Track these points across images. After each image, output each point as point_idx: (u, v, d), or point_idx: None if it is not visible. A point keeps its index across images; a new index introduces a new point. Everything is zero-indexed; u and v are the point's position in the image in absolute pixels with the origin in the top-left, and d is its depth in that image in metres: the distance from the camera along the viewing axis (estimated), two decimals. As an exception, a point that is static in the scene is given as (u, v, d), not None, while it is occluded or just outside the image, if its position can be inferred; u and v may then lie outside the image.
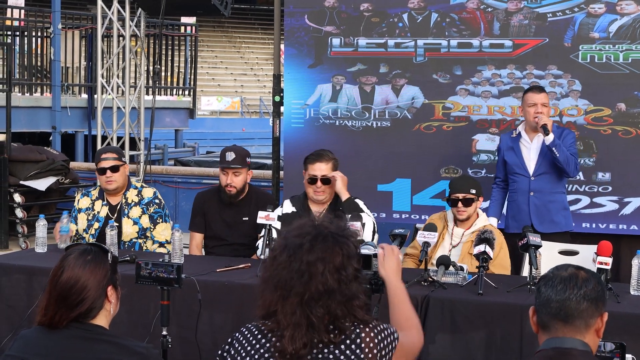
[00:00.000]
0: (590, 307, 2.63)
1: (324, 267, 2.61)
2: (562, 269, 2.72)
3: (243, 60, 40.04)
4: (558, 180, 6.29)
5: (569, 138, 6.25)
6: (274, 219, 5.41)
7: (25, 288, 5.39)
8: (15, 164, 10.89)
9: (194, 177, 12.04)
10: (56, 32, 14.58)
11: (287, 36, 7.83)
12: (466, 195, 5.67)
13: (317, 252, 2.63)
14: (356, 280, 2.68)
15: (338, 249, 2.66)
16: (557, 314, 2.64)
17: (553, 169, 6.20)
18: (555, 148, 6.06)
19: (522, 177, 6.30)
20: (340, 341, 2.64)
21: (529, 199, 6.26)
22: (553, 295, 2.65)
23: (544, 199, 6.26)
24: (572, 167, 6.16)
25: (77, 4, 27.70)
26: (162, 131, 17.15)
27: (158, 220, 6.19)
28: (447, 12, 7.39)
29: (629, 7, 6.95)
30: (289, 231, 2.73)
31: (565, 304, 2.63)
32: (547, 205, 6.26)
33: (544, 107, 6.18)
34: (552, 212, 6.27)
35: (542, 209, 6.25)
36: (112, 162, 6.12)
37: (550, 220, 6.26)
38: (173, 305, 4.33)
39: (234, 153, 6.10)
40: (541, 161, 6.23)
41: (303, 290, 2.60)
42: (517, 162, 6.31)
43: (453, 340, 4.60)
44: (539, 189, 6.25)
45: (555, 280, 2.67)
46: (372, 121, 7.60)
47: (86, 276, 2.96)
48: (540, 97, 6.20)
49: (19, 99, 14.12)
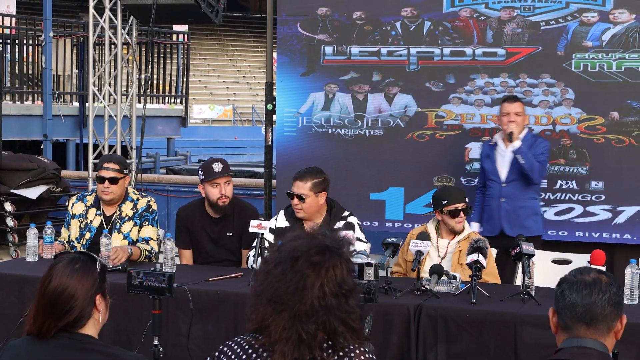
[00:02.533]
0: (613, 311, 2.71)
1: (320, 282, 2.54)
2: (585, 272, 2.78)
3: (235, 68, 40.05)
4: (528, 187, 6.50)
5: (542, 147, 6.51)
6: (266, 228, 5.38)
7: (16, 297, 5.36)
8: (6, 172, 10.84)
9: (186, 185, 11.99)
10: (47, 40, 14.54)
11: (280, 44, 7.82)
12: (464, 205, 5.68)
13: (313, 265, 2.57)
14: (354, 294, 2.62)
15: (336, 263, 2.59)
16: (582, 318, 2.70)
17: (523, 176, 6.44)
18: (521, 155, 6.34)
19: (495, 183, 6.55)
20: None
21: (500, 204, 6.48)
22: (579, 300, 2.70)
23: (514, 205, 6.49)
24: (536, 174, 6.41)
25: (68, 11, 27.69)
26: (154, 139, 17.11)
27: (144, 224, 6.07)
28: (440, 21, 7.38)
29: (622, 15, 6.95)
30: (283, 244, 2.67)
31: (591, 308, 2.69)
32: (517, 210, 6.48)
33: (517, 116, 6.41)
34: (521, 218, 6.48)
35: (512, 214, 6.48)
36: (112, 174, 5.98)
37: (521, 225, 6.42)
38: (165, 315, 4.30)
39: (220, 163, 6.04)
40: (512, 168, 6.46)
41: (298, 304, 2.52)
42: (492, 169, 6.56)
43: (446, 349, 4.58)
44: (510, 195, 6.49)
45: (580, 285, 2.73)
46: (364, 130, 7.59)
47: (74, 285, 2.92)
48: (514, 107, 6.43)
49: (10, 107, 14.07)
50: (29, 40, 15.11)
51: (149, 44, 13.88)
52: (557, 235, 7.19)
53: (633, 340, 4.19)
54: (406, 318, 4.62)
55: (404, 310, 4.64)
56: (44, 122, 14.51)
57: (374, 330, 3.68)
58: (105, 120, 10.62)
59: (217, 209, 6.05)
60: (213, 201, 6.02)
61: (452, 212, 5.66)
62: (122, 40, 10.33)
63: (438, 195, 5.78)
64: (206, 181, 6.01)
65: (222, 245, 6.10)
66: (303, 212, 5.72)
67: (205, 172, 6.03)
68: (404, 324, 4.62)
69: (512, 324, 4.42)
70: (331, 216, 5.78)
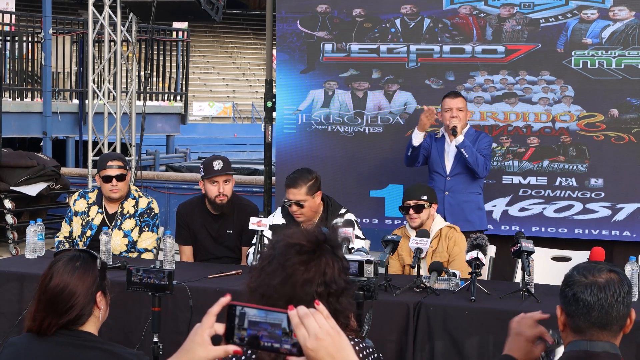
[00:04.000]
0: (625, 311, 2.67)
1: (308, 278, 2.53)
2: (596, 272, 2.70)
3: (235, 65, 40.00)
4: (472, 182, 6.57)
5: (485, 141, 6.58)
6: (265, 225, 5.38)
7: (15, 295, 5.36)
8: (6, 169, 10.83)
9: (186, 182, 12.00)
10: (47, 37, 14.52)
11: (279, 41, 7.81)
12: (417, 202, 5.70)
13: (303, 261, 2.54)
14: (346, 293, 2.59)
15: (328, 261, 2.56)
16: (597, 322, 2.65)
17: (467, 170, 6.52)
18: (465, 149, 6.40)
19: (439, 176, 6.60)
20: None
21: (444, 197, 6.51)
22: (595, 304, 2.64)
23: (458, 199, 6.55)
24: (480, 168, 6.46)
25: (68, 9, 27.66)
26: (154, 137, 17.09)
27: (144, 229, 6.11)
28: (440, 18, 7.38)
29: (621, 13, 6.95)
30: (277, 240, 2.65)
31: (608, 312, 2.64)
32: (461, 204, 6.54)
33: (459, 111, 6.47)
34: (466, 212, 6.52)
35: (456, 208, 6.53)
36: (118, 171, 6.03)
37: (465, 219, 6.45)
38: (164, 312, 4.30)
39: (220, 161, 6.04)
40: (456, 162, 6.54)
41: (286, 300, 2.51)
42: (437, 161, 6.63)
43: (445, 346, 4.59)
44: (454, 189, 6.56)
45: (594, 288, 2.66)
46: (364, 127, 7.59)
47: (75, 282, 2.93)
48: (456, 102, 6.50)
49: (10, 104, 14.06)
50: (28, 37, 15.10)
51: (148, 41, 13.87)
52: (557, 232, 7.19)
53: (633, 339, 4.19)
54: (405, 315, 4.62)
55: (403, 308, 4.64)
56: (44, 120, 14.50)
57: (374, 327, 3.68)
58: (105, 118, 10.61)
59: (215, 207, 6.06)
60: (211, 199, 6.03)
61: (404, 209, 5.75)
62: (121, 37, 10.32)
63: (403, 192, 5.89)
64: (205, 178, 6.02)
65: (222, 242, 6.11)
66: (303, 217, 5.69)
67: (206, 169, 6.04)
68: (403, 321, 4.62)
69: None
70: (328, 214, 5.78)
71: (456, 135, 6.43)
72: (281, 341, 1.89)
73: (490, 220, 7.27)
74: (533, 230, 7.17)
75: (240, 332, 1.93)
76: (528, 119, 7.20)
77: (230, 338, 1.94)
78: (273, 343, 1.89)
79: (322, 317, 1.90)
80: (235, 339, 1.94)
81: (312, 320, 1.88)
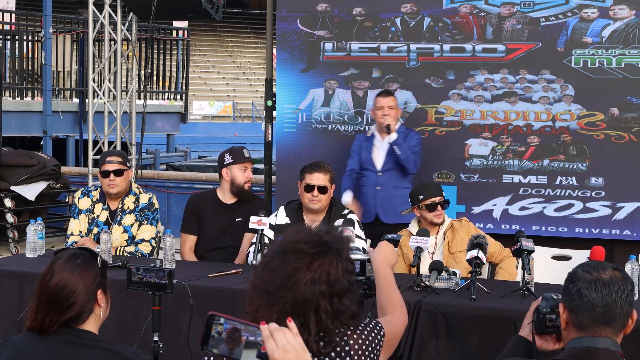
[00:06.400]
0: (628, 309, 2.69)
1: (311, 277, 2.53)
2: (600, 269, 2.72)
3: (235, 64, 40.00)
4: (403, 177, 6.81)
5: (414, 139, 6.86)
6: (266, 224, 5.38)
7: (16, 294, 5.36)
8: (6, 168, 10.84)
9: (186, 181, 12.01)
10: (47, 36, 14.53)
11: (280, 40, 7.81)
12: (441, 199, 5.76)
13: (307, 260, 2.55)
14: (349, 294, 2.60)
15: (332, 261, 2.57)
16: (601, 318, 2.66)
17: (398, 166, 6.77)
18: (397, 147, 6.68)
19: (371, 172, 6.85)
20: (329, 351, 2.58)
21: (375, 192, 6.79)
22: (599, 300, 2.66)
23: (389, 193, 6.79)
24: (411, 165, 6.74)
25: (68, 7, 27.65)
26: (154, 136, 17.10)
27: (144, 222, 6.16)
28: (440, 17, 7.38)
29: (622, 11, 6.95)
30: (284, 237, 2.66)
31: (611, 308, 2.65)
32: (392, 198, 6.74)
33: (390, 109, 6.74)
34: (396, 205, 6.62)
35: (387, 201, 6.76)
36: (116, 166, 6.12)
37: (395, 212, 6.59)
38: (164, 311, 4.29)
39: (246, 150, 6.25)
40: (388, 158, 6.79)
41: (288, 298, 2.53)
42: (368, 159, 6.86)
43: (445, 345, 4.59)
44: (385, 183, 6.81)
45: (599, 284, 2.67)
46: (364, 126, 7.58)
47: (75, 280, 2.93)
48: (387, 101, 6.77)
49: (10, 103, 14.05)
50: (28, 36, 15.10)
51: (148, 40, 13.87)
52: (557, 231, 7.19)
53: (633, 338, 4.19)
54: (406, 314, 4.61)
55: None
56: (44, 119, 14.51)
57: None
58: (105, 117, 10.62)
59: (240, 193, 6.14)
60: (239, 184, 6.14)
61: (429, 206, 5.73)
62: (121, 36, 10.33)
63: (415, 192, 5.87)
64: (236, 163, 6.14)
65: (230, 230, 6.13)
66: (320, 204, 5.76)
67: (235, 156, 6.18)
68: (403, 320, 4.61)
69: (511, 320, 4.40)
70: (331, 214, 5.80)
71: (390, 132, 6.70)
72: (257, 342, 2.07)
73: (491, 219, 7.28)
74: (533, 229, 7.17)
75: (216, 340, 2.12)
76: (528, 118, 7.20)
77: (205, 345, 2.12)
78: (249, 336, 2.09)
79: (290, 334, 2.10)
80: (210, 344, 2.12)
81: (282, 335, 2.08)
